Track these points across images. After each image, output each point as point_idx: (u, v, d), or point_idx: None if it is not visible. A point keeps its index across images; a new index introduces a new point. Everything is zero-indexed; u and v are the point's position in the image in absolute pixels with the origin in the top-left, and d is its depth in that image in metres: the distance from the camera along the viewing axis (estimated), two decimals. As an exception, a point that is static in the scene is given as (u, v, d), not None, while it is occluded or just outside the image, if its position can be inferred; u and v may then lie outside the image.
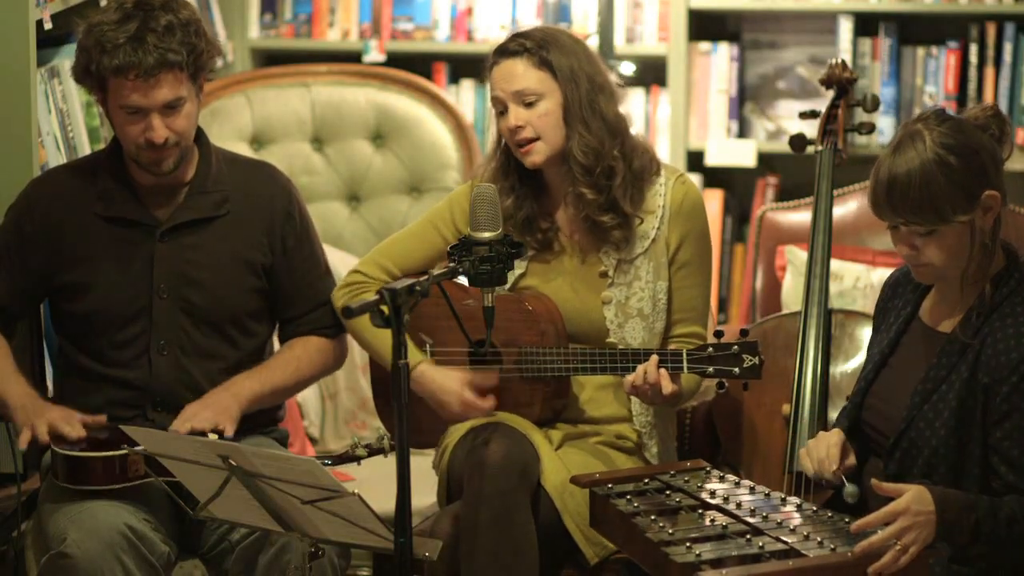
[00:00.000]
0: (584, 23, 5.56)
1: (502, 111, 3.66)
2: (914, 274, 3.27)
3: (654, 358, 3.50)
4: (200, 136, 3.80)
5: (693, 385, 3.68)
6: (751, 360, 3.49)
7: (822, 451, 3.31)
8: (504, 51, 3.67)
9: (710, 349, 3.51)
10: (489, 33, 5.65)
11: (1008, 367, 3.11)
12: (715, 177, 5.61)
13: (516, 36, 3.69)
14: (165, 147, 3.62)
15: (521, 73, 3.63)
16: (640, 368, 3.50)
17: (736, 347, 3.49)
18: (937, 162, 3.12)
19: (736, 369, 3.50)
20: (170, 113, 3.61)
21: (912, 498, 3.02)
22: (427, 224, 3.81)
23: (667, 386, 3.48)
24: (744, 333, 3.54)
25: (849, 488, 3.26)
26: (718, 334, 3.55)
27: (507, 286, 3.63)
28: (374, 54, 5.66)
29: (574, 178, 3.65)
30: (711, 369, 3.50)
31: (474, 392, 3.63)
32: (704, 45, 5.57)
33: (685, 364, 3.50)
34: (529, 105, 3.63)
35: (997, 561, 3.12)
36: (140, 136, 3.62)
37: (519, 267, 3.71)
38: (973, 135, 3.17)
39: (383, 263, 3.80)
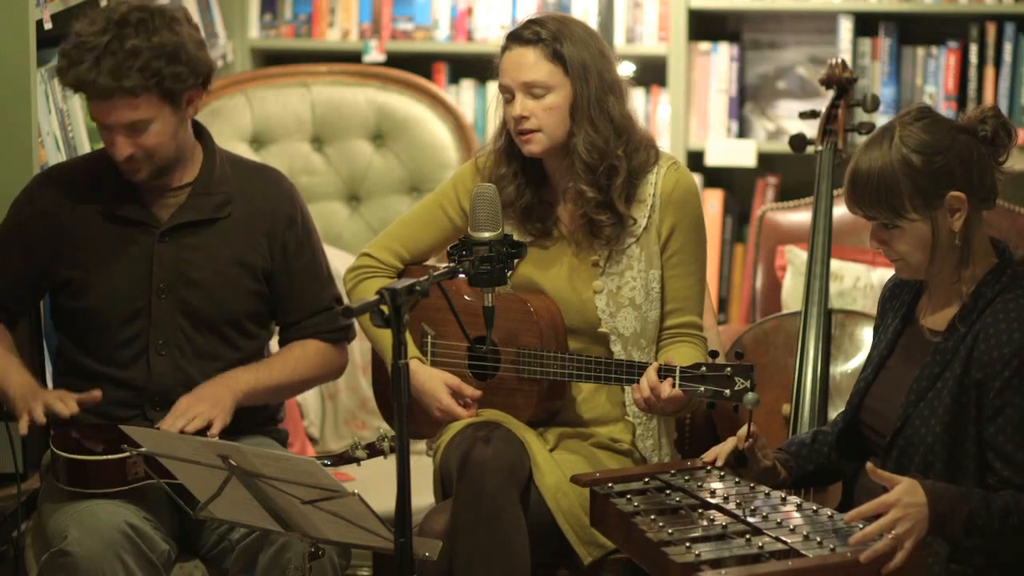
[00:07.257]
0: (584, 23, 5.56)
1: (509, 99, 3.65)
2: (895, 269, 3.29)
3: (653, 366, 3.49)
4: (205, 137, 3.79)
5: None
6: (742, 384, 3.39)
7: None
8: (517, 38, 3.62)
9: (703, 368, 3.43)
10: (489, 33, 5.65)
11: (1000, 362, 3.12)
12: (715, 177, 5.62)
13: (531, 23, 3.63)
14: (132, 161, 3.62)
15: (532, 63, 3.60)
16: (644, 381, 3.46)
17: (729, 369, 3.40)
18: (900, 160, 3.15)
19: (727, 391, 3.40)
20: (134, 133, 3.59)
21: (903, 490, 3.02)
22: (434, 206, 3.79)
23: (666, 390, 3.45)
24: (739, 356, 3.42)
25: (750, 396, 3.31)
26: (713, 354, 3.45)
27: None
28: (374, 54, 5.66)
29: (575, 174, 3.64)
30: (703, 388, 3.42)
31: (454, 398, 3.61)
32: (704, 45, 5.57)
33: (678, 380, 3.44)
34: (537, 97, 3.60)
35: (992, 558, 3.12)
36: (111, 147, 3.63)
37: None
38: (945, 136, 3.17)
39: (393, 246, 3.79)
